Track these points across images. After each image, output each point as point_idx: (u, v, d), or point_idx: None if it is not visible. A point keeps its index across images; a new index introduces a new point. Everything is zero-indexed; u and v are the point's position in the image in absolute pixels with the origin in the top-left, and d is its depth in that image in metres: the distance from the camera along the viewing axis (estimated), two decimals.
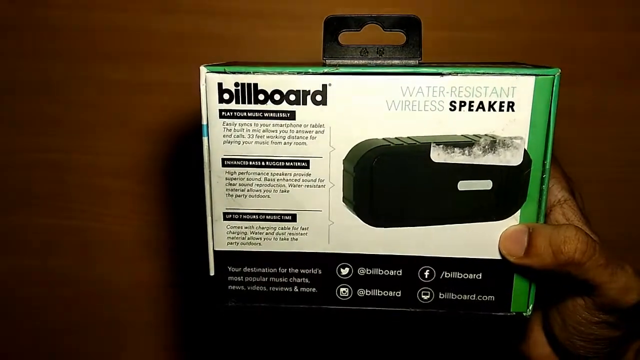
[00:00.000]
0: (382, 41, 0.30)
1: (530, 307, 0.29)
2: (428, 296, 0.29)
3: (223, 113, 0.27)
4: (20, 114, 0.52)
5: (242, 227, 0.29)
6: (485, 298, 0.29)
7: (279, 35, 0.49)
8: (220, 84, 0.27)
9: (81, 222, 0.53)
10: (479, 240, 0.28)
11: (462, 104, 0.26)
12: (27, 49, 0.50)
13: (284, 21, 0.48)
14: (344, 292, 0.29)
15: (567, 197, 0.29)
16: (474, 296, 0.29)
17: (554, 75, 0.26)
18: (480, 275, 0.28)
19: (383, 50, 0.30)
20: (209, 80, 0.27)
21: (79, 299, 0.55)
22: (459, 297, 0.29)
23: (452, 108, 0.26)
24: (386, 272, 0.29)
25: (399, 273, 0.29)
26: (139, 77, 0.50)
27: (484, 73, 0.26)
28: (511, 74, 0.26)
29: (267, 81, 0.27)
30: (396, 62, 0.29)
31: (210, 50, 0.49)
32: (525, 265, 0.27)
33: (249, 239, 0.29)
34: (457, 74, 0.26)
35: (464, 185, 0.27)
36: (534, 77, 0.26)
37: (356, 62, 0.29)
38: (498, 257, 0.28)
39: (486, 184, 0.27)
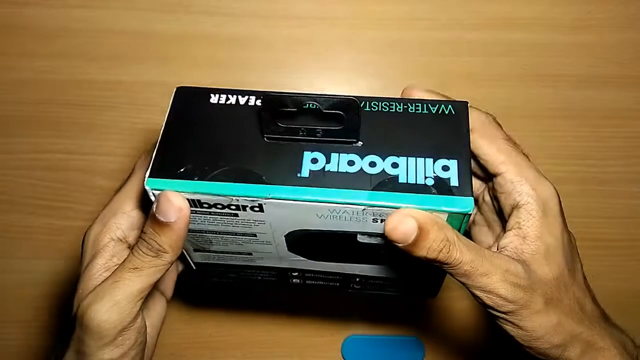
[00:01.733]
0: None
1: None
2: (359, 287, 0.38)
3: None
4: (19, 114, 0.51)
5: (211, 255, 0.36)
6: (396, 289, 0.38)
7: (279, 35, 0.48)
8: None
9: (81, 223, 0.53)
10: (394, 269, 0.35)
11: (382, 219, 0.29)
12: (27, 48, 0.49)
13: (283, 21, 0.47)
14: (296, 281, 0.39)
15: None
16: (390, 290, 0.38)
17: (466, 215, 0.28)
18: (394, 281, 0.37)
19: (321, 134, 0.30)
20: (156, 194, 0.29)
21: None
22: (379, 289, 0.38)
23: (374, 221, 0.30)
24: (327, 277, 0.38)
25: (338, 278, 0.37)
26: (139, 77, 0.49)
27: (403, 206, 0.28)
28: (428, 210, 0.28)
29: (208, 199, 0.29)
30: (335, 145, 0.30)
31: (209, 50, 0.48)
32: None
33: (218, 259, 0.37)
34: (380, 207, 0.28)
35: (382, 250, 0.33)
36: (446, 214, 0.28)
37: (296, 142, 0.30)
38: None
39: None
